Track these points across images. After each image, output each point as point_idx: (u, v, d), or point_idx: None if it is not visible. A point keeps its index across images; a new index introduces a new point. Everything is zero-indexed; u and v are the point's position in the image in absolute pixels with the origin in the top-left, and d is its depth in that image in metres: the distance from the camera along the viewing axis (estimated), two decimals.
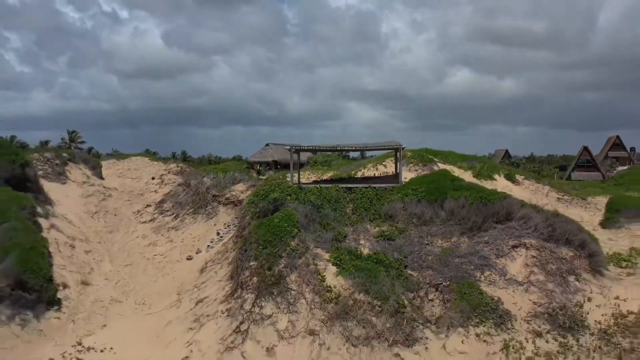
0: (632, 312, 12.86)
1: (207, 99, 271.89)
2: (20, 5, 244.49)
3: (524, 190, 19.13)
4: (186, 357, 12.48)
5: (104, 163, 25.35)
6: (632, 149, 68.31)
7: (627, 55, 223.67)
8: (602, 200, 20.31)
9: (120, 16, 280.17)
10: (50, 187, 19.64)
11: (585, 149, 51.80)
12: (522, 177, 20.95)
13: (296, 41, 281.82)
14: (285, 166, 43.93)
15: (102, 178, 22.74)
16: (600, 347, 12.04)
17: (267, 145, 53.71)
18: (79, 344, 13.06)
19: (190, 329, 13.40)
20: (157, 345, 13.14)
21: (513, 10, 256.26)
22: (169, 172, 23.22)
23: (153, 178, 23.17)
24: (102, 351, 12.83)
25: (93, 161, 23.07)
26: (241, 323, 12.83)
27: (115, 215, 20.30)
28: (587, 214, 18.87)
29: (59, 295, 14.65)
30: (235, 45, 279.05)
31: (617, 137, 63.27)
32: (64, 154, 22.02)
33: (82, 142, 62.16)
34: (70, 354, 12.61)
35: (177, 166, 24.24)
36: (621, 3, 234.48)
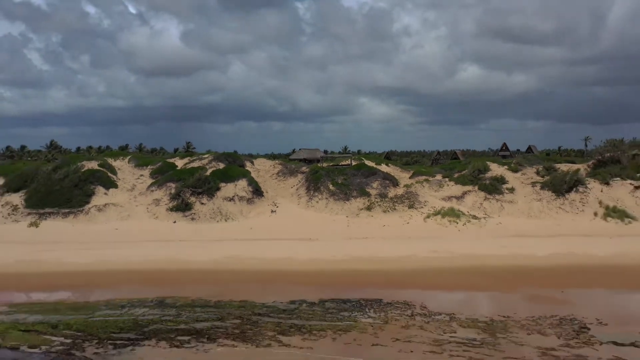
0: (401, 194, 56.28)
1: (222, 96, 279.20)
2: (47, 7, 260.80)
3: (390, 168, 62.80)
4: (298, 204, 56.26)
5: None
6: (517, 150, 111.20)
7: (637, 51, 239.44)
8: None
9: (144, 17, 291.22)
10: None
11: (454, 152, 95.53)
12: (391, 163, 64.63)
13: (310, 39, 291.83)
14: (311, 161, 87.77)
15: (254, 165, 66.39)
16: (391, 200, 55.45)
17: (300, 149, 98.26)
18: (273, 202, 56.73)
19: (297, 198, 57.14)
20: (291, 201, 56.74)
21: (523, 10, 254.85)
22: (276, 164, 66.88)
23: (271, 166, 66.80)
24: (280, 205, 56.56)
25: (251, 159, 66.90)
26: (310, 197, 56.42)
27: (264, 177, 64.05)
28: (408, 175, 62.42)
29: (263, 194, 58.38)
30: (252, 44, 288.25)
31: (504, 143, 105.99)
32: (244, 155, 65.83)
33: (194, 148, 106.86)
34: (270, 205, 56.31)
35: (280, 162, 68.01)
36: (630, 0, 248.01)
